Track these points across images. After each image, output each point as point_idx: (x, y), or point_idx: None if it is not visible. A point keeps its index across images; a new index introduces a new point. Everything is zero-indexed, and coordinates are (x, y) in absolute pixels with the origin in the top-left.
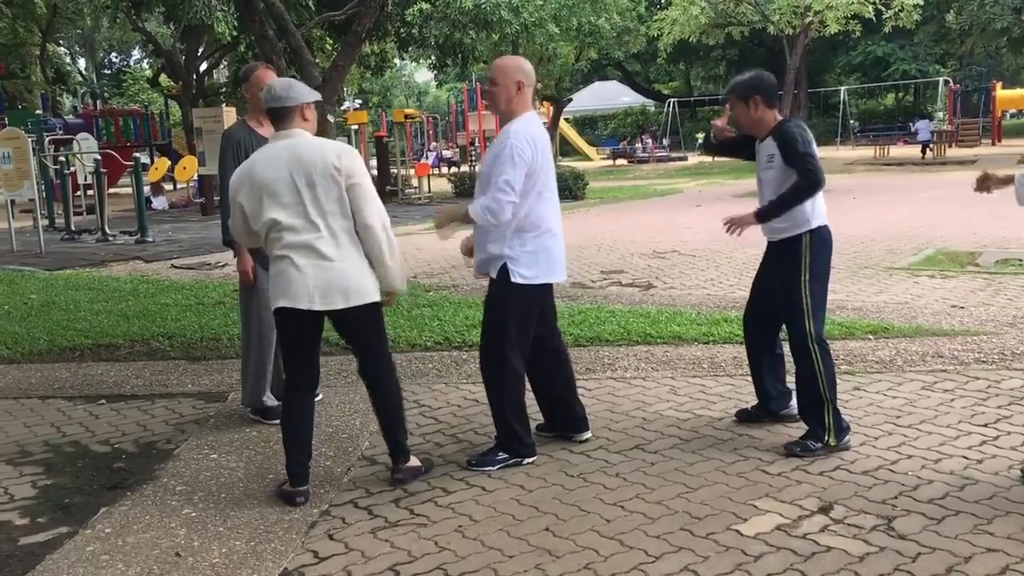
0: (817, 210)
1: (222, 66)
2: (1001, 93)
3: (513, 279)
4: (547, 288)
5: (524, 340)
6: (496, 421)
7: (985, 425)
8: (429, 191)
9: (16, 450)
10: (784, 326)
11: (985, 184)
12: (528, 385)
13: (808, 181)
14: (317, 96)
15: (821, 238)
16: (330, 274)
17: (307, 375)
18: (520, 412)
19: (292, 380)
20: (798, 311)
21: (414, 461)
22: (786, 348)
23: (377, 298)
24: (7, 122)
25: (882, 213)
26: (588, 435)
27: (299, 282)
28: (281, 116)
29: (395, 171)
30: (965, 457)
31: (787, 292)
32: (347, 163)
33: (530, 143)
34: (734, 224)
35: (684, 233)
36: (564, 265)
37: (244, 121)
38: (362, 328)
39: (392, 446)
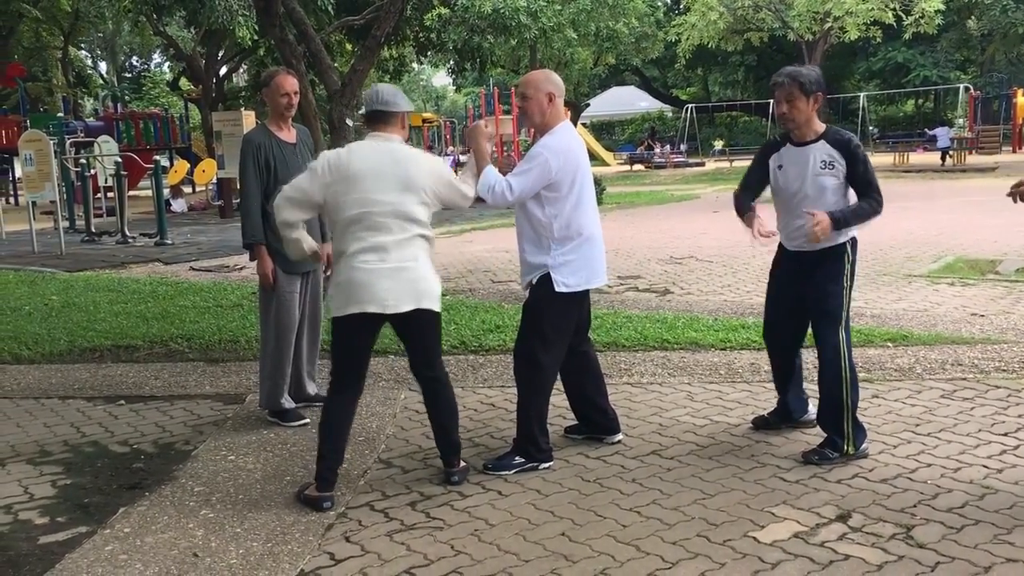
0: None
1: (242, 70)
2: (1022, 100)
3: (557, 288)
4: (585, 294)
5: (560, 345)
6: (519, 421)
7: (1005, 434)
8: None
9: (36, 450)
10: (814, 334)
11: (1020, 190)
12: (562, 389)
13: (878, 209)
14: (412, 107)
15: (856, 246)
16: (404, 275)
17: (358, 377)
18: (542, 417)
19: (341, 381)
20: (836, 320)
21: (462, 462)
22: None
23: (439, 307)
24: (29, 124)
25: (901, 220)
26: (619, 437)
27: (371, 287)
28: (386, 120)
29: None
30: (985, 466)
31: (824, 302)
32: (434, 186)
33: (561, 157)
34: (820, 225)
35: (701, 239)
36: (604, 268)
37: (264, 125)
38: (427, 329)
39: (450, 447)
